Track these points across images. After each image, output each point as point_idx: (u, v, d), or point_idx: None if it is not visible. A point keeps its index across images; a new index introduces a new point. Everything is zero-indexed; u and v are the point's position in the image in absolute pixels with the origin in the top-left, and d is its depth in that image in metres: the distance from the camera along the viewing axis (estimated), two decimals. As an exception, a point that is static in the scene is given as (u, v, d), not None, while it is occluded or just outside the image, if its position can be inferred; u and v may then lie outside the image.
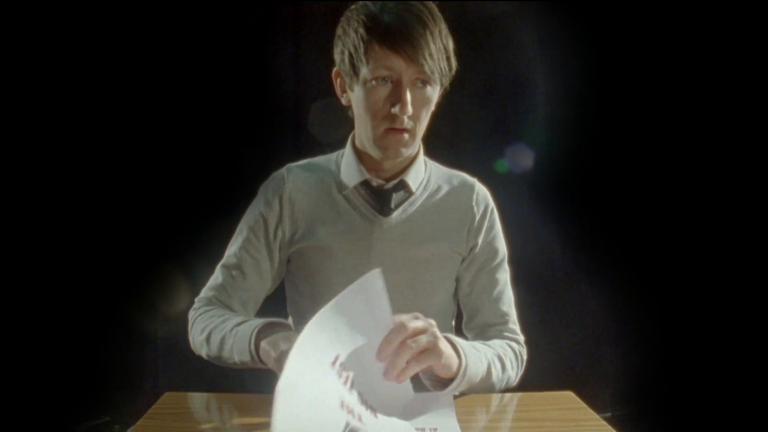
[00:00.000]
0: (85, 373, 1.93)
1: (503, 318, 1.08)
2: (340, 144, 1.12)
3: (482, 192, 1.13)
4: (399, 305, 1.06)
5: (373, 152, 1.01)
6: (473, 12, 1.92)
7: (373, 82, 0.93)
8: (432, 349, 0.79)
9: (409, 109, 0.93)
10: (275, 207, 1.06)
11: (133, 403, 1.90)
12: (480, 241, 1.09)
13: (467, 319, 1.12)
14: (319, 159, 1.13)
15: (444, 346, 0.81)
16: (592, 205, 2.02)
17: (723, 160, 1.99)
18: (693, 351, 2.04)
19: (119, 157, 1.96)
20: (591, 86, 1.96)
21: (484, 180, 1.16)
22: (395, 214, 1.05)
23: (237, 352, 0.90)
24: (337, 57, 1.00)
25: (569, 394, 0.96)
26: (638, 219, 2.05)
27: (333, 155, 1.12)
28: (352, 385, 0.73)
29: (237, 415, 0.86)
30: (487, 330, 1.08)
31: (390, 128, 0.96)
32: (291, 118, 2.03)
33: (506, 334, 1.08)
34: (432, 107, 0.99)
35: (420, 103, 0.96)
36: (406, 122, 0.95)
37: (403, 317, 0.80)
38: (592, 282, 2.03)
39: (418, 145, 1.04)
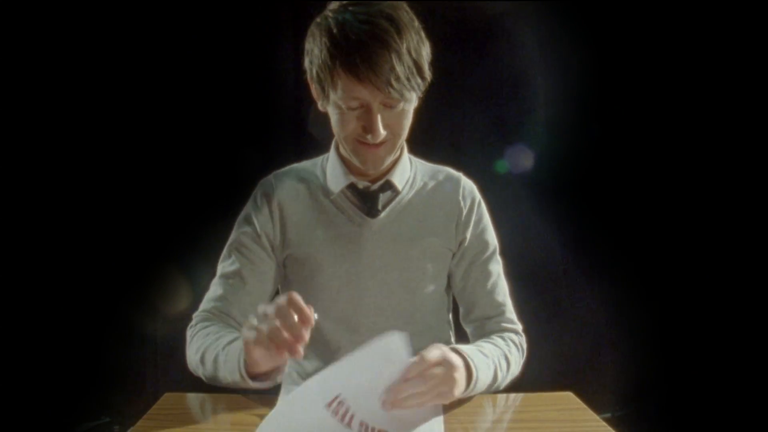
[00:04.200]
0: (85, 373, 1.93)
1: (500, 309, 1.09)
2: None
3: (468, 186, 1.13)
4: (392, 304, 1.06)
5: (354, 162, 1.02)
6: (473, 12, 1.92)
7: (344, 106, 0.93)
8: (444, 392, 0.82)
9: (381, 133, 0.93)
10: (266, 212, 1.06)
11: (132, 404, 1.90)
12: (469, 234, 1.10)
13: (465, 312, 1.13)
14: (305, 164, 1.13)
15: (458, 377, 0.84)
16: (592, 206, 2.02)
17: (723, 160, 1.99)
18: (693, 351, 2.04)
19: (120, 157, 1.96)
20: (591, 87, 1.96)
21: (483, 180, 1.16)
22: (383, 215, 1.05)
23: (229, 371, 0.87)
24: (306, 69, 0.98)
25: (569, 395, 0.96)
26: (638, 219, 2.05)
27: (318, 160, 1.13)
28: (352, 419, 0.77)
29: (236, 416, 0.86)
30: (486, 323, 1.09)
31: (365, 143, 0.96)
32: (291, 119, 2.03)
33: (504, 324, 1.08)
34: (410, 116, 0.99)
35: (395, 119, 0.95)
36: (382, 138, 0.95)
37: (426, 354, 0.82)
38: (592, 282, 2.03)
39: (397, 151, 1.04)
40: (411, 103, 0.97)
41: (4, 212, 1.88)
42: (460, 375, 0.85)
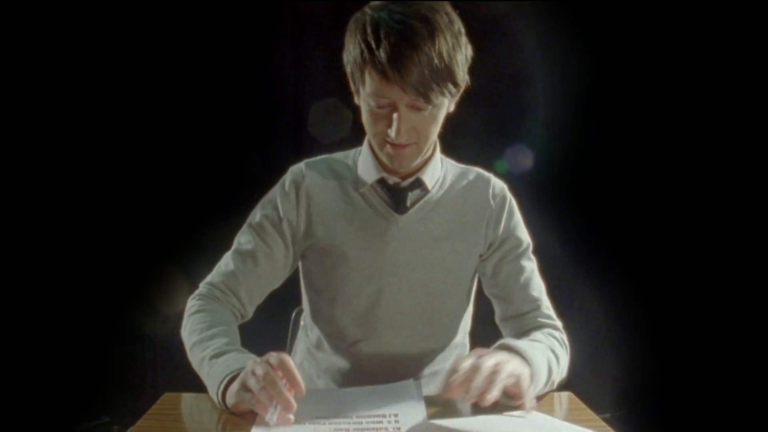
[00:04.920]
0: (85, 373, 1.93)
1: (535, 304, 1.06)
2: (340, 144, 1.11)
3: (498, 185, 1.11)
4: (412, 303, 1.06)
5: (382, 158, 1.01)
6: (473, 12, 1.92)
7: (372, 103, 0.92)
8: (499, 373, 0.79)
9: (404, 135, 0.92)
10: (292, 199, 1.05)
11: (132, 404, 1.90)
12: (500, 233, 1.08)
13: (501, 312, 1.10)
14: (337, 156, 1.12)
15: (513, 366, 0.82)
16: (592, 206, 2.02)
17: (723, 160, 1.99)
18: (692, 352, 2.04)
19: (120, 157, 1.96)
20: (590, 86, 1.96)
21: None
22: (411, 212, 1.04)
23: (210, 387, 0.87)
24: (344, 63, 0.97)
25: (569, 395, 0.95)
26: (638, 219, 2.05)
27: (350, 152, 1.11)
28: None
29: (235, 416, 0.85)
30: (523, 319, 1.06)
31: (391, 143, 0.95)
32: (291, 118, 2.03)
33: (541, 320, 1.05)
34: (440, 120, 0.97)
35: (422, 123, 0.94)
36: (407, 139, 0.94)
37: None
38: (592, 282, 2.03)
39: (429, 150, 1.03)
40: (441, 108, 0.94)
41: (4, 213, 1.88)
42: (518, 364, 0.83)
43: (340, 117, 1.04)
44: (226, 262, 1.05)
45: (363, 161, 1.06)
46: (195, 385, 0.95)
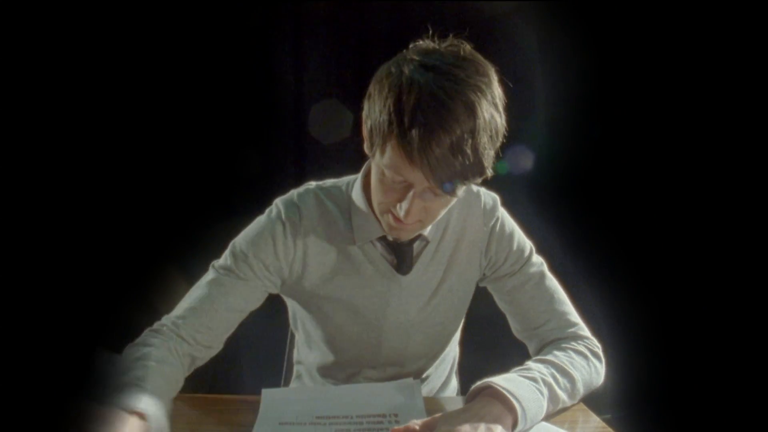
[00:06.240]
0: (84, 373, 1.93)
1: (549, 314, 1.01)
2: (339, 145, 1.10)
3: (489, 203, 1.05)
4: (410, 349, 1.05)
5: (381, 220, 0.93)
6: (473, 12, 1.92)
7: (387, 175, 0.83)
8: None
9: (414, 216, 0.85)
10: (290, 243, 0.96)
11: (132, 404, 1.90)
12: (497, 255, 1.03)
13: (516, 325, 1.05)
14: (329, 189, 1.01)
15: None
16: (592, 207, 2.02)
17: (723, 161, 1.99)
18: (693, 353, 2.03)
19: (119, 157, 1.95)
20: (591, 87, 1.96)
21: (482, 181, 1.15)
22: (414, 270, 1.00)
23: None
24: (364, 111, 0.87)
25: (569, 396, 0.95)
26: (638, 221, 2.05)
27: (342, 186, 1.02)
28: None
29: (235, 417, 0.86)
30: (541, 333, 1.01)
31: (396, 217, 0.86)
32: (291, 119, 2.03)
33: (568, 330, 1.00)
34: (453, 203, 0.90)
35: (436, 205, 0.86)
36: (414, 219, 0.86)
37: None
38: (592, 284, 2.03)
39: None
40: (458, 194, 0.87)
41: (3, 212, 1.88)
42: (490, 425, 0.75)
43: (341, 118, 1.02)
44: (201, 292, 0.95)
45: (359, 213, 0.97)
46: (194, 385, 0.95)
